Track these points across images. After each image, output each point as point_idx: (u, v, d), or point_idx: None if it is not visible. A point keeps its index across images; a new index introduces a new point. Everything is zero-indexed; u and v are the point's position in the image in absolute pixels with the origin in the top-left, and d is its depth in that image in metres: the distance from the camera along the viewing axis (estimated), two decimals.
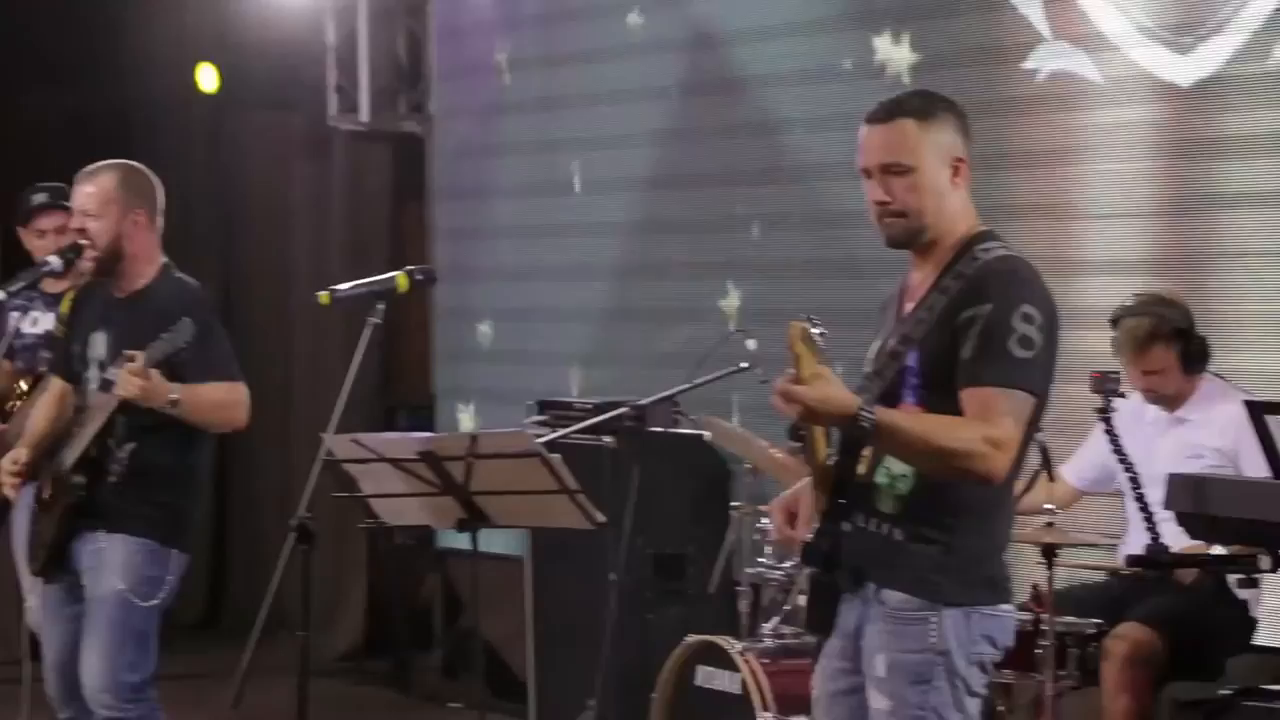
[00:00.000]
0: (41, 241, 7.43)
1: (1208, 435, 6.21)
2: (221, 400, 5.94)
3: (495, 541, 8.34)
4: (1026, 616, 6.02)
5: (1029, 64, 7.15)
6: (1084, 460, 6.53)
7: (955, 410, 4.18)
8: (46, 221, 7.44)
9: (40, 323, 7.15)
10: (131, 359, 5.67)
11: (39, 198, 7.52)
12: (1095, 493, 6.59)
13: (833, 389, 4.10)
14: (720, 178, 8.40)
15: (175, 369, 5.75)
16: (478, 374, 9.70)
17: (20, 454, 6.07)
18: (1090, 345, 6.39)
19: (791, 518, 4.45)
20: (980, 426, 4.13)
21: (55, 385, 6.24)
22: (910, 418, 4.20)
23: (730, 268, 8.33)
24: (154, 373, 5.66)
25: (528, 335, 9.39)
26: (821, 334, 4.11)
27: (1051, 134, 7.10)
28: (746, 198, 8.29)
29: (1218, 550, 5.41)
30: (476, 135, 9.75)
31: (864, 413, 4.10)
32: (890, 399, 4.29)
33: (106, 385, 5.87)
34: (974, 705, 4.32)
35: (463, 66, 9.86)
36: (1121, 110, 6.89)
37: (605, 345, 8.93)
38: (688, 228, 8.55)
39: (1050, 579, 5.94)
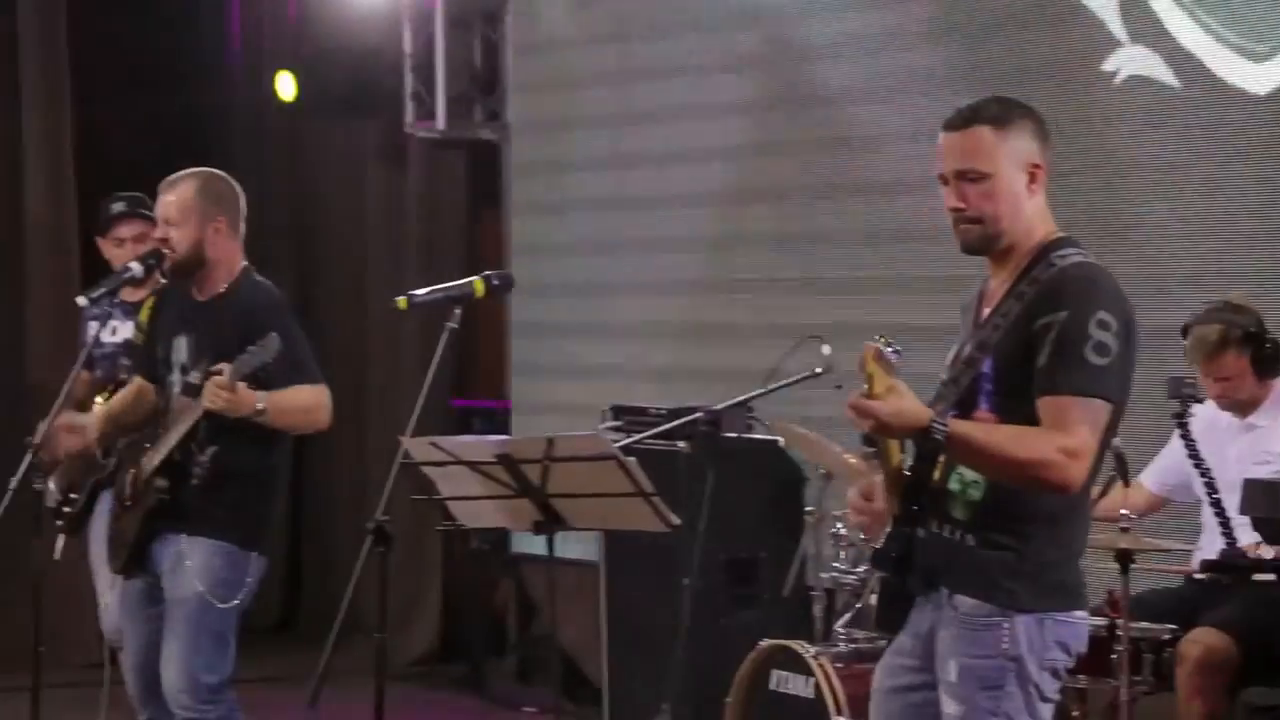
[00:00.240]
0: (120, 250, 7.51)
1: (1277, 441, 6.21)
2: (305, 404, 6.00)
3: (570, 547, 8.41)
4: (1101, 622, 6.03)
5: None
6: (1163, 467, 6.53)
7: (1031, 416, 4.19)
8: (125, 230, 7.52)
9: (119, 331, 7.21)
10: (218, 372, 5.73)
11: (117, 206, 7.60)
12: (1175, 500, 6.59)
13: (905, 403, 4.13)
14: (799, 192, 8.41)
15: (261, 378, 5.81)
16: (553, 385, 9.73)
17: (78, 418, 6.23)
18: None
19: (872, 512, 4.46)
20: (1055, 436, 4.15)
21: (137, 382, 6.31)
22: (983, 429, 4.22)
23: (808, 281, 8.33)
24: (240, 385, 5.73)
25: (603, 348, 9.42)
26: (896, 352, 4.14)
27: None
28: (825, 210, 8.29)
29: None
30: (552, 149, 9.79)
31: (936, 425, 4.13)
32: (966, 405, 4.32)
33: (189, 389, 5.94)
34: (1046, 710, 4.34)
35: (538, 78, 9.90)
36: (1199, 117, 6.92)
37: (680, 359, 8.95)
38: (764, 241, 8.57)
39: (1125, 584, 5.94)
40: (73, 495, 7.14)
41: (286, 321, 5.98)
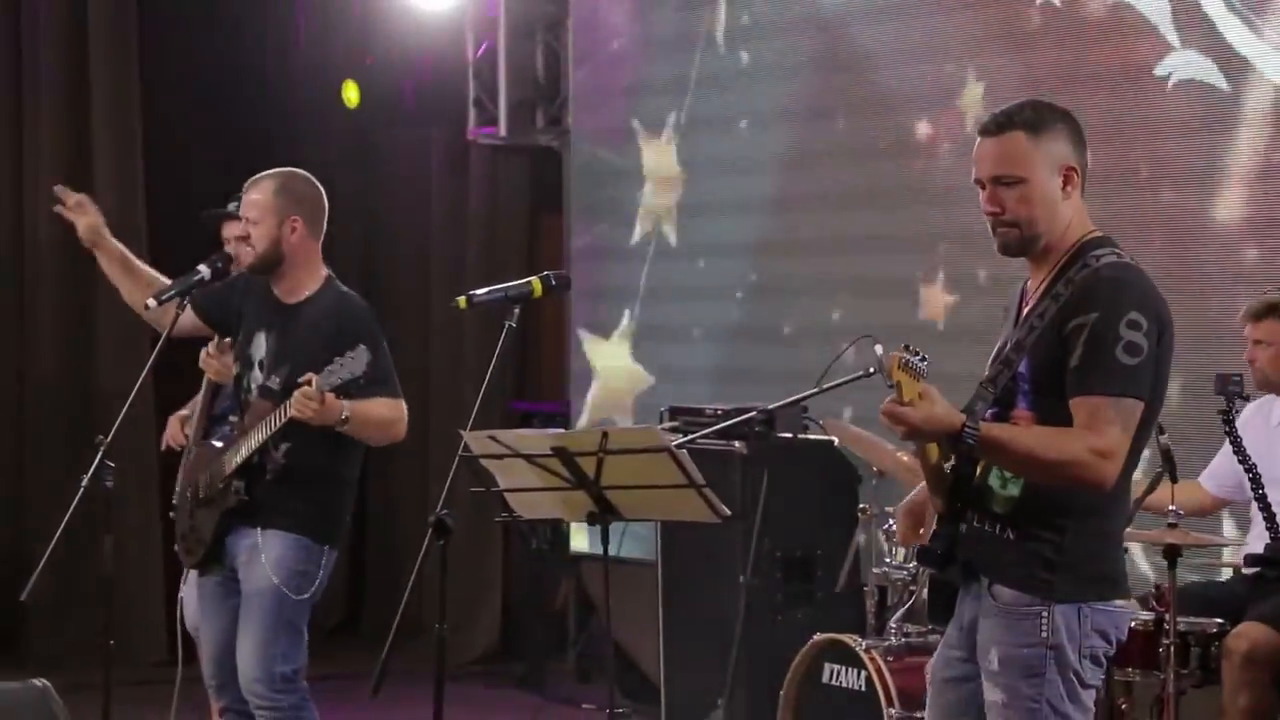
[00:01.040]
0: (227, 250, 7.63)
1: None
2: (385, 418, 6.07)
3: (628, 546, 8.52)
4: (1149, 615, 6.12)
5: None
6: (1220, 467, 6.58)
7: (1067, 415, 4.28)
8: (229, 230, 7.64)
9: None
10: (307, 382, 5.77)
11: (231, 206, 7.71)
12: (1235, 500, 6.63)
13: (937, 409, 4.23)
14: (856, 199, 8.48)
15: (350, 390, 5.87)
16: (611, 385, 9.82)
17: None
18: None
19: (917, 522, 4.58)
20: (1086, 437, 4.24)
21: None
22: (1015, 432, 4.31)
23: (859, 283, 8.41)
24: (328, 395, 5.78)
25: (661, 350, 9.50)
26: (924, 359, 4.24)
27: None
28: (880, 219, 8.37)
29: None
30: (611, 155, 9.88)
31: (968, 430, 4.23)
32: (1005, 405, 4.41)
33: (267, 393, 6.03)
34: (1088, 696, 4.42)
35: (599, 86, 10.00)
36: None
37: (737, 361, 9.03)
38: (816, 248, 8.65)
39: (1172, 578, 6.00)
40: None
41: (374, 333, 6.04)
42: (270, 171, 6.25)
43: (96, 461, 5.93)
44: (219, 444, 6.22)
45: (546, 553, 9.95)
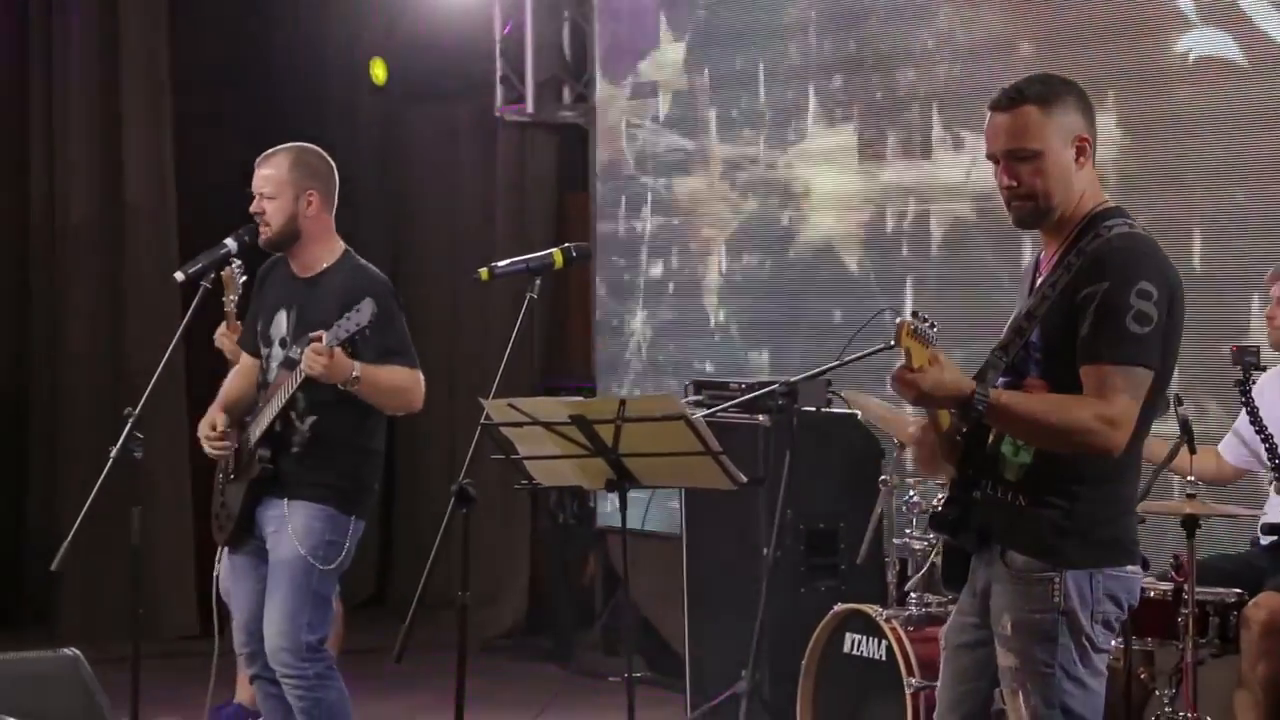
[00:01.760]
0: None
1: None
2: (399, 385, 6.10)
3: (654, 520, 8.57)
4: (1168, 586, 6.15)
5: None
6: (1238, 437, 6.59)
7: (1078, 384, 4.33)
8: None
9: None
10: (317, 339, 5.84)
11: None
12: (1254, 470, 6.64)
13: (945, 375, 4.29)
14: (888, 159, 8.50)
15: (355, 348, 5.92)
16: (636, 358, 9.86)
17: (218, 419, 6.26)
18: None
19: (932, 450, 4.59)
20: (1094, 404, 4.29)
21: (246, 361, 6.43)
22: (1025, 399, 4.36)
23: (896, 251, 8.43)
24: (337, 351, 5.83)
25: (686, 319, 9.53)
26: (932, 326, 4.29)
27: None
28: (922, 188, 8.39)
29: None
30: (638, 131, 9.90)
31: (978, 396, 4.28)
32: (1016, 372, 4.47)
33: (289, 363, 6.07)
34: (1100, 661, 4.46)
35: (624, 55, 10.02)
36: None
37: (765, 325, 9.05)
38: (850, 204, 8.66)
39: (1191, 549, 6.04)
40: None
41: (388, 302, 6.07)
42: (282, 146, 6.28)
43: (125, 432, 5.97)
44: (247, 420, 6.29)
45: (574, 527, 10.01)
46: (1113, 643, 4.58)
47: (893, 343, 4.31)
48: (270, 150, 6.28)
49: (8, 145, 10.83)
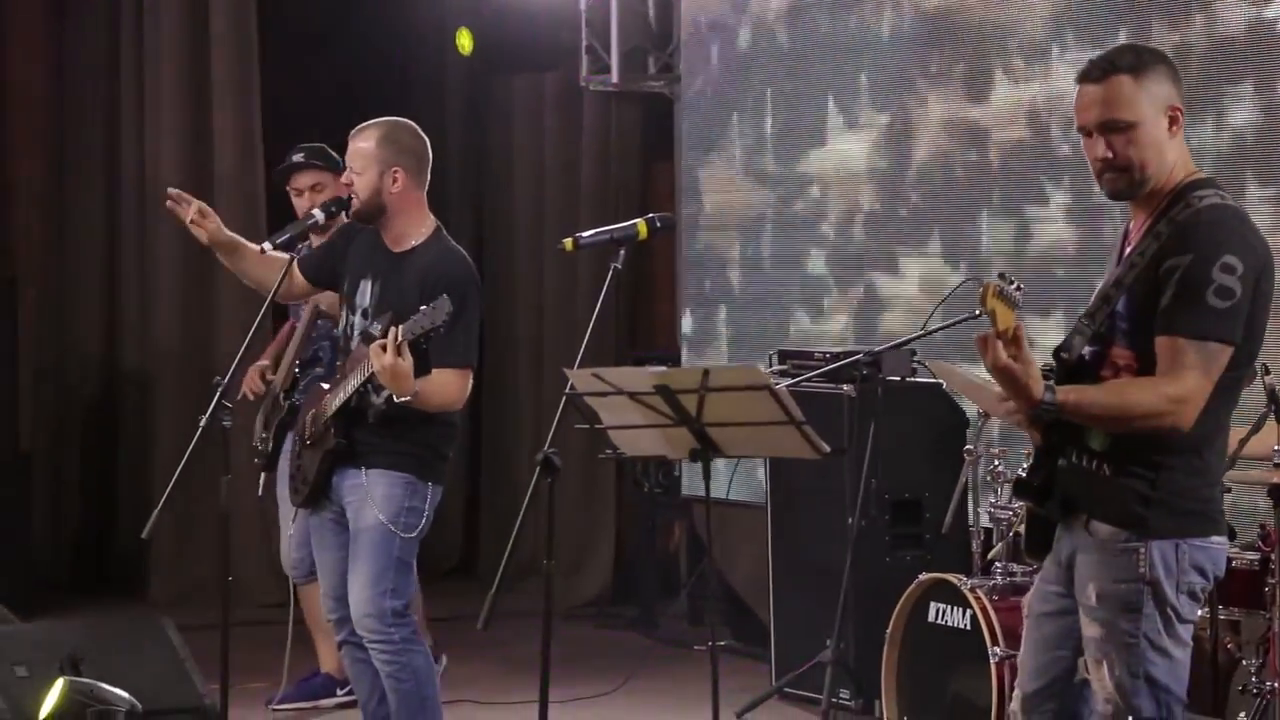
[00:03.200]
0: (300, 200, 7.82)
1: None
2: (446, 401, 6.10)
3: (738, 489, 8.59)
4: (1254, 556, 6.13)
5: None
6: None
7: None
8: (302, 180, 7.84)
9: None
10: (393, 334, 5.83)
11: (295, 157, 7.89)
12: None
13: (1024, 376, 4.29)
14: (970, 130, 8.47)
15: (431, 340, 5.91)
16: (724, 328, 9.85)
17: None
18: None
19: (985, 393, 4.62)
20: (1160, 385, 4.31)
21: (276, 257, 6.31)
22: (1090, 394, 4.38)
23: (978, 216, 8.40)
24: (405, 364, 5.82)
25: (774, 288, 9.53)
26: (1018, 288, 4.29)
27: None
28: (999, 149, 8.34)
29: None
30: (723, 92, 9.89)
31: (1045, 406, 4.32)
32: (1103, 341, 4.47)
33: (367, 337, 6.08)
34: (1185, 631, 4.47)
35: (709, 23, 10.00)
36: None
37: (852, 296, 9.04)
38: (934, 177, 8.64)
39: (1278, 519, 6.00)
40: (264, 435, 7.42)
41: (466, 295, 6.07)
42: (375, 121, 6.30)
43: (214, 402, 5.99)
44: (326, 386, 6.32)
45: (659, 496, 10.03)
46: (1198, 613, 4.55)
47: (978, 310, 4.31)
48: (364, 124, 6.30)
49: (98, 116, 10.94)
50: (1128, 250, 4.52)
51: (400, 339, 5.82)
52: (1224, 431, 4.52)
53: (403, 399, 5.93)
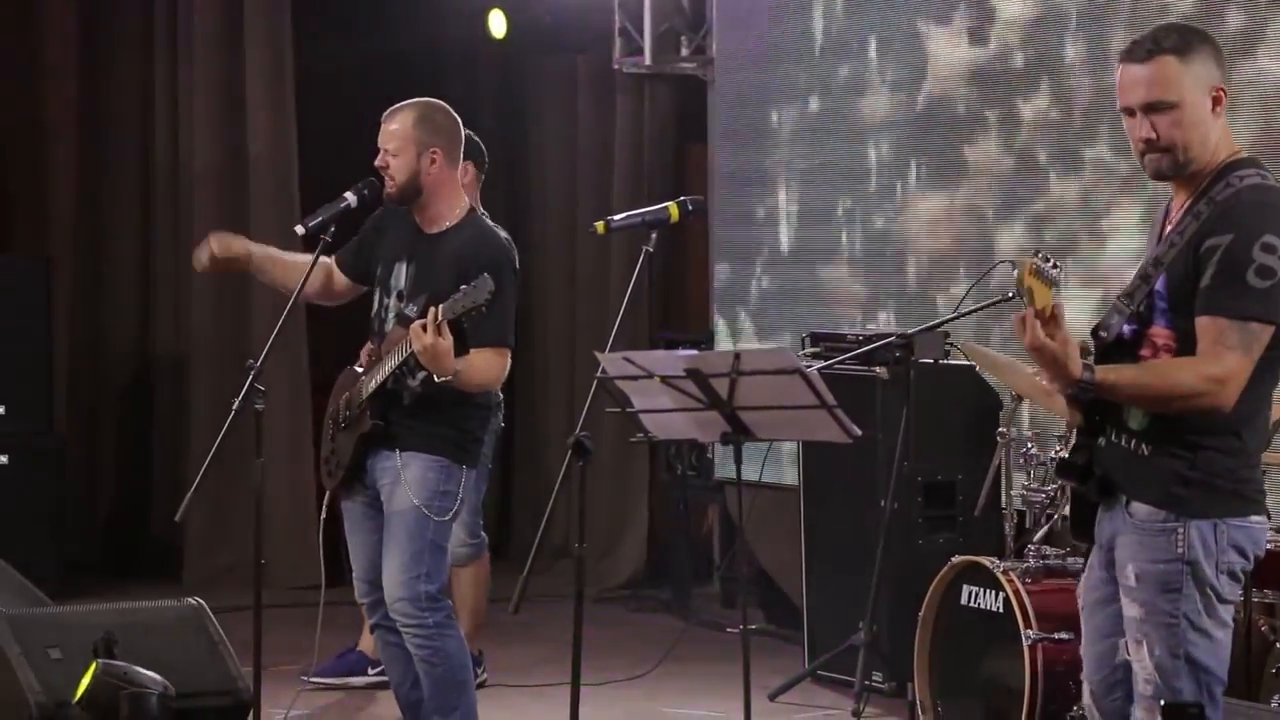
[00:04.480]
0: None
1: None
2: (487, 379, 6.11)
3: (771, 471, 8.58)
4: None
5: None
6: None
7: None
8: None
9: None
10: (433, 314, 5.81)
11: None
12: None
13: (1062, 355, 4.27)
14: (1000, 120, 8.45)
15: (462, 324, 5.91)
16: (754, 313, 9.85)
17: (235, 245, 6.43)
18: None
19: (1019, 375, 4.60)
20: (1199, 365, 4.30)
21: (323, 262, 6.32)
22: (1129, 373, 4.37)
23: (1013, 208, 8.37)
24: (446, 342, 5.80)
25: (805, 276, 9.51)
26: (1055, 267, 4.28)
27: None
28: (1032, 140, 8.32)
29: None
30: (756, 80, 9.88)
31: (1084, 383, 4.30)
32: (1141, 320, 4.46)
33: (404, 320, 6.09)
34: (1226, 612, 4.45)
35: (743, 11, 9.98)
36: None
37: (881, 287, 9.03)
38: (967, 170, 8.62)
39: None
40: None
41: (505, 275, 6.06)
42: (408, 102, 6.28)
43: (247, 385, 5.97)
44: (359, 369, 6.32)
45: (692, 478, 10.03)
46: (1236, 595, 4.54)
47: (1012, 292, 4.29)
48: (397, 105, 6.29)
49: (132, 97, 10.96)
50: (1167, 229, 4.50)
51: (440, 318, 5.81)
52: (1264, 412, 4.50)
53: (443, 379, 5.92)
